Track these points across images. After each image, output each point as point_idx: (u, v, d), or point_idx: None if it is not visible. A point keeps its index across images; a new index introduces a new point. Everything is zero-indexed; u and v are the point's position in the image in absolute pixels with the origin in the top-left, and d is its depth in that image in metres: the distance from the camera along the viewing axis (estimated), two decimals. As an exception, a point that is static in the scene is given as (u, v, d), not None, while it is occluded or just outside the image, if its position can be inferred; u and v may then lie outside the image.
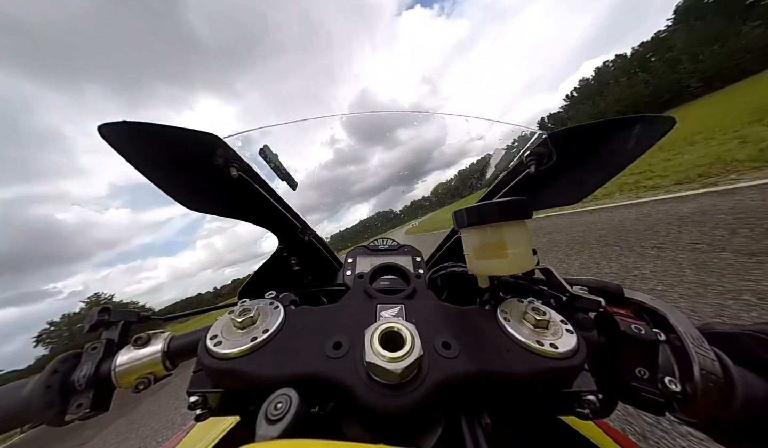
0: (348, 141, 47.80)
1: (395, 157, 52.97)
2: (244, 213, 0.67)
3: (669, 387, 0.34)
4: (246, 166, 0.58)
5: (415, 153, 53.59)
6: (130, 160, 0.46)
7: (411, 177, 14.27)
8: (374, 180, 51.51)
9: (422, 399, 0.28)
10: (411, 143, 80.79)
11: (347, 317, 0.40)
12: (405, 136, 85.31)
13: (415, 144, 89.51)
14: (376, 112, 0.80)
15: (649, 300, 0.41)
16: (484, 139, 0.88)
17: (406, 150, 56.73)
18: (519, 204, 0.39)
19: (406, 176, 10.66)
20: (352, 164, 50.46)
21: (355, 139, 48.96)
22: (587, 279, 0.46)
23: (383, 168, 51.05)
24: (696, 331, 0.36)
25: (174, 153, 0.50)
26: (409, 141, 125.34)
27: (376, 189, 53.27)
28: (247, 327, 0.37)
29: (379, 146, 52.29)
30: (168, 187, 0.52)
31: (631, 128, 0.48)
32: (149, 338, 0.44)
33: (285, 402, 0.28)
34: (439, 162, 60.93)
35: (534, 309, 0.38)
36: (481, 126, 1.01)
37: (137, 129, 0.44)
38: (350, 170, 48.56)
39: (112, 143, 0.44)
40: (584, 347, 0.34)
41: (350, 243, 3.10)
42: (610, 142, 0.53)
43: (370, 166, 50.42)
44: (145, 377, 0.42)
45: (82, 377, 0.39)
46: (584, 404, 0.33)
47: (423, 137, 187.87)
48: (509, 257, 0.40)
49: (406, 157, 56.35)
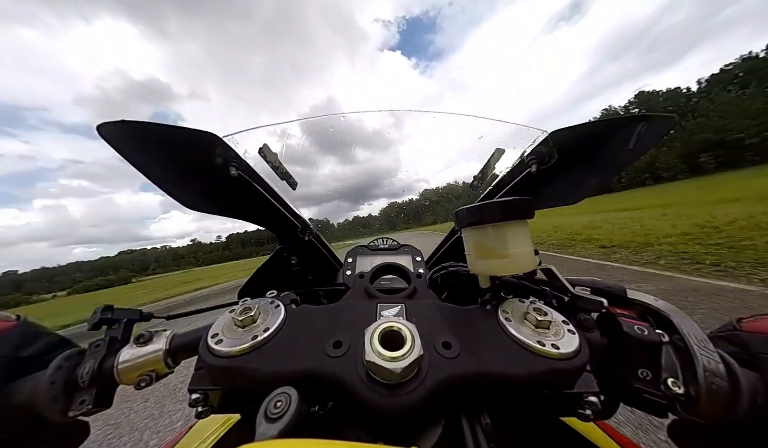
0: (301, 140, 45.59)
1: (347, 173, 51.27)
2: (244, 212, 0.68)
3: (672, 389, 0.33)
4: (245, 165, 0.58)
5: (367, 175, 49.99)
6: (129, 158, 0.46)
7: (358, 197, 13.86)
8: (320, 189, 48.83)
9: (422, 399, 0.28)
10: (366, 165, 77.03)
11: (348, 316, 0.40)
12: (362, 156, 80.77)
13: (369, 167, 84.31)
14: (375, 111, 0.79)
15: (653, 301, 0.41)
16: (483, 138, 0.86)
17: (359, 170, 53.14)
18: (521, 204, 0.38)
19: (353, 195, 10.18)
20: (299, 165, 48.86)
21: (311, 140, 46.96)
22: (590, 280, 0.46)
23: (333, 180, 49.08)
24: (700, 332, 0.36)
25: (173, 152, 0.50)
26: (365, 162, 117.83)
27: (320, 198, 50.35)
28: (248, 326, 0.37)
29: (333, 156, 49.38)
30: (167, 186, 0.53)
31: (632, 128, 0.48)
32: (151, 335, 0.44)
33: (284, 401, 0.28)
34: (386, 191, 58.44)
35: (535, 309, 0.38)
36: (483, 125, 1.00)
37: (136, 128, 0.44)
38: (296, 170, 46.85)
39: (111, 142, 0.44)
40: (586, 348, 0.34)
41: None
42: (611, 141, 0.52)
43: (319, 174, 47.13)
44: (147, 375, 0.42)
45: (85, 374, 0.39)
46: (586, 406, 0.33)
47: (378, 163, 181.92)
48: (510, 257, 0.39)
49: (358, 176, 52.79)
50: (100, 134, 0.43)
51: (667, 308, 0.40)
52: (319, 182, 1.12)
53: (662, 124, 0.46)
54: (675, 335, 0.36)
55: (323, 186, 1.31)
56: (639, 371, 0.36)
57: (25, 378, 0.38)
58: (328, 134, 0.89)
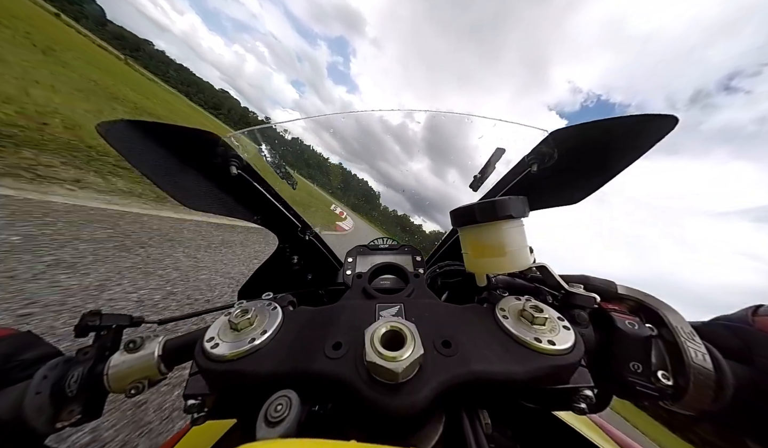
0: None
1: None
2: (244, 212, 0.67)
3: (662, 381, 0.35)
4: (246, 165, 0.57)
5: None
6: (130, 158, 0.46)
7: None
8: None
9: (423, 398, 0.28)
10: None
11: (346, 317, 0.39)
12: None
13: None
14: (383, 109, 0.79)
15: (642, 296, 0.42)
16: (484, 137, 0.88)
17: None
18: (516, 202, 0.39)
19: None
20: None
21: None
22: (583, 276, 0.47)
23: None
24: (688, 326, 0.37)
25: (173, 151, 0.50)
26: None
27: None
28: (244, 328, 0.37)
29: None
30: (168, 185, 0.52)
31: (632, 127, 0.48)
32: (143, 341, 0.43)
33: (285, 404, 0.28)
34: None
35: (531, 307, 0.38)
36: (483, 125, 1.02)
37: (136, 128, 0.43)
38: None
39: (111, 142, 0.43)
40: (581, 343, 0.35)
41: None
42: (611, 141, 0.53)
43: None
44: (139, 382, 0.41)
45: (73, 383, 0.38)
46: (581, 399, 0.33)
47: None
48: (506, 255, 0.40)
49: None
50: (99, 133, 0.42)
51: (656, 302, 0.41)
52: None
53: (662, 123, 0.46)
54: (664, 328, 0.38)
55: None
56: (630, 364, 0.37)
57: (9, 388, 0.37)
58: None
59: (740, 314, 0.38)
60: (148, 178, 0.49)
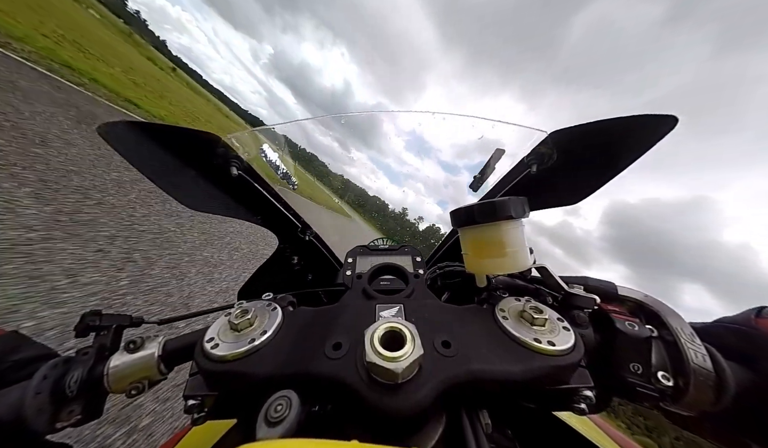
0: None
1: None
2: (244, 212, 0.68)
3: (662, 381, 0.35)
4: (246, 166, 0.58)
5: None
6: (130, 159, 0.46)
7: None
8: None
9: (423, 398, 0.28)
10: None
11: (346, 317, 0.39)
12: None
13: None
14: (375, 111, 0.80)
15: (642, 297, 0.42)
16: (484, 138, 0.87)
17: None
18: (515, 203, 0.39)
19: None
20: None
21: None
22: (583, 277, 0.47)
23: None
24: (688, 327, 0.37)
25: (174, 152, 0.50)
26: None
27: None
28: (244, 329, 0.37)
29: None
30: (168, 186, 0.52)
31: (632, 127, 0.48)
32: (143, 341, 0.43)
33: (285, 404, 0.28)
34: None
35: (531, 307, 0.38)
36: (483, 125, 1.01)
37: (136, 129, 0.44)
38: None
39: (111, 143, 0.43)
40: (581, 344, 0.35)
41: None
42: (611, 141, 0.53)
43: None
44: (139, 382, 0.41)
45: (73, 383, 0.38)
46: (581, 400, 0.33)
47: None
48: (506, 256, 0.40)
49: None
50: (99, 135, 0.42)
51: (656, 303, 0.41)
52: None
53: (662, 123, 0.46)
54: (664, 329, 0.38)
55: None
56: (631, 365, 0.37)
57: (8, 388, 0.37)
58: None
59: (743, 316, 0.37)
60: (149, 179, 0.49)
